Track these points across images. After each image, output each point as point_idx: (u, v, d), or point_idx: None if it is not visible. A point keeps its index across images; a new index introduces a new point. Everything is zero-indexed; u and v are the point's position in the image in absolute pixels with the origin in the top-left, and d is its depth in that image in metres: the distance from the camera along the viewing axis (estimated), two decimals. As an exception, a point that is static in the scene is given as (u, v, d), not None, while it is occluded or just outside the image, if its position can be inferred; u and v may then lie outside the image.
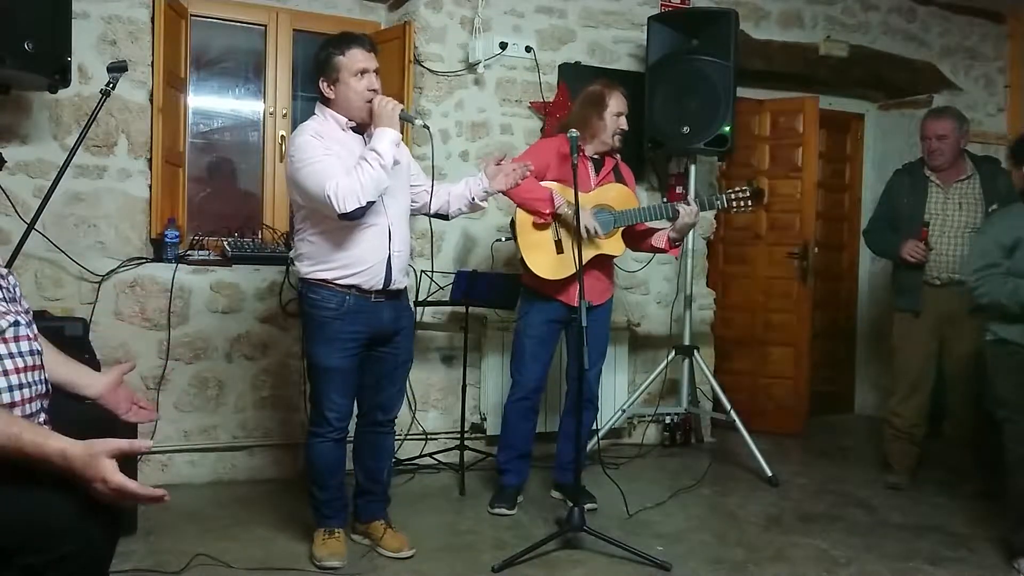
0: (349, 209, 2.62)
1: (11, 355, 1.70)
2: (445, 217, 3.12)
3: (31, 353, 1.75)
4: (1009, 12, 5.67)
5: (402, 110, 2.76)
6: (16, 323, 1.74)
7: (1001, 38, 5.74)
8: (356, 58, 2.75)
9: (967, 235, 3.86)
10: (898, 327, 4.08)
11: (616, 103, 3.46)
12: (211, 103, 4.33)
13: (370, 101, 2.75)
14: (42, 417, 1.75)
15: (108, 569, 1.67)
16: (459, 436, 3.92)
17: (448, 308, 4.07)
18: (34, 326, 1.87)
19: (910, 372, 4.02)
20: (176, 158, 3.95)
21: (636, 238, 3.61)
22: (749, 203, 3.46)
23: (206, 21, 4.16)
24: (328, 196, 2.61)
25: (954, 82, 5.56)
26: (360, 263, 2.78)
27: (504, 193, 3.23)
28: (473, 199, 3.07)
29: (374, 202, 2.70)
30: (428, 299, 3.78)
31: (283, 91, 4.30)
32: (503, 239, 4.11)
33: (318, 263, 2.80)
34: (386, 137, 2.69)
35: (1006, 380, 3.04)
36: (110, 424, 1.93)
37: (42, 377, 1.79)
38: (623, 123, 3.47)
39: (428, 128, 2.94)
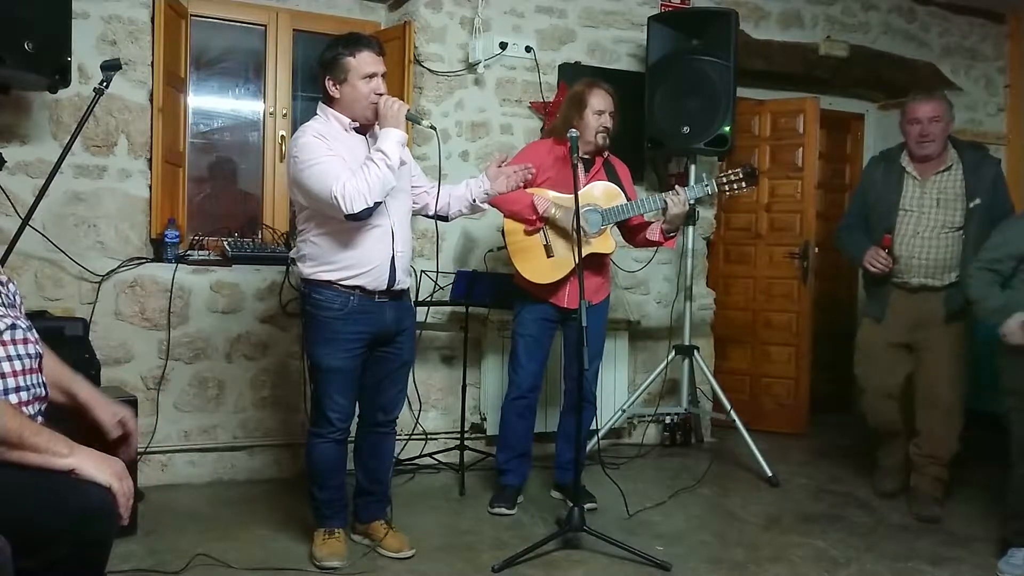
0: (356, 210, 2.62)
1: (9, 358, 1.70)
2: (445, 218, 3.12)
3: (30, 356, 1.76)
4: (1009, 12, 5.68)
5: (408, 110, 2.77)
6: (13, 326, 1.74)
7: (1001, 38, 5.74)
8: (366, 61, 2.75)
9: (945, 235, 3.49)
10: (862, 332, 3.81)
11: (597, 101, 3.43)
12: (211, 103, 4.33)
13: (375, 103, 2.76)
14: (39, 420, 1.75)
15: (104, 570, 1.67)
16: (459, 436, 3.93)
17: (448, 308, 4.07)
18: (34, 331, 1.89)
19: (878, 380, 3.71)
20: (176, 158, 3.95)
21: (632, 233, 3.61)
22: (743, 184, 3.38)
23: (206, 21, 4.16)
24: (335, 197, 2.61)
25: (954, 82, 5.56)
26: (364, 264, 2.78)
27: (490, 203, 3.24)
28: (474, 201, 3.08)
29: (381, 203, 2.70)
30: (428, 299, 3.79)
31: (283, 91, 4.30)
32: (495, 249, 4.11)
33: (321, 264, 2.80)
34: (392, 137, 2.69)
35: (1015, 371, 3.04)
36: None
37: (40, 380, 1.79)
38: (606, 121, 3.43)
39: (435, 129, 2.92)
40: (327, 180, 2.63)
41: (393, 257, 2.83)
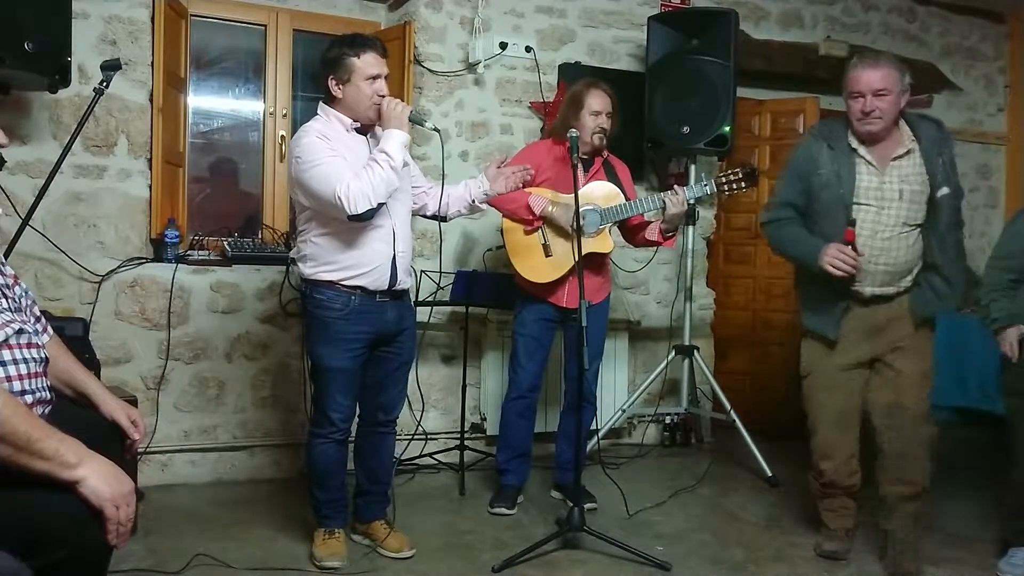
0: (360, 210, 2.63)
1: (15, 361, 1.70)
2: (443, 219, 3.12)
3: (35, 360, 1.76)
4: (1009, 12, 5.69)
5: (411, 112, 2.78)
6: (20, 331, 1.74)
7: (1001, 38, 5.75)
8: (370, 62, 2.75)
9: (906, 234, 2.85)
10: (810, 353, 3.06)
11: (594, 102, 3.42)
12: (211, 103, 4.33)
13: (377, 104, 2.76)
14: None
15: (106, 572, 1.67)
16: (459, 436, 3.93)
17: (448, 308, 4.07)
18: (43, 335, 1.89)
19: (831, 410, 3.02)
20: (176, 158, 3.95)
21: (631, 232, 3.61)
22: (743, 184, 3.35)
23: (206, 21, 4.16)
24: (339, 197, 2.61)
25: (954, 82, 5.56)
26: (365, 264, 2.79)
27: (489, 203, 3.24)
28: (473, 201, 3.08)
29: (384, 203, 2.71)
30: (428, 299, 3.79)
31: (283, 91, 4.30)
32: (493, 248, 4.11)
33: (323, 264, 2.80)
34: (395, 139, 2.70)
35: (1017, 372, 3.01)
36: (113, 432, 1.95)
37: (45, 384, 1.80)
38: (602, 121, 3.42)
39: (438, 131, 2.92)
40: (331, 181, 2.63)
41: (394, 257, 2.83)
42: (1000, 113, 5.78)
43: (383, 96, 2.76)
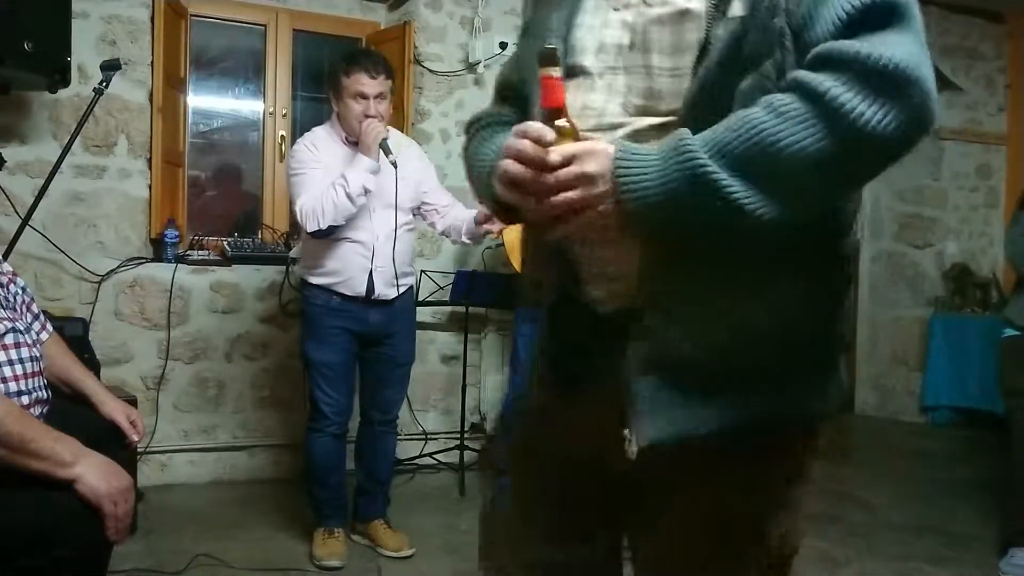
0: (310, 229, 2.72)
1: (10, 362, 1.70)
2: (452, 240, 3.20)
3: (31, 360, 1.76)
4: (1009, 12, 5.68)
5: (383, 140, 2.76)
6: (14, 330, 1.74)
7: (1001, 38, 5.74)
8: (357, 81, 2.78)
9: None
10: None
11: None
12: (211, 103, 4.33)
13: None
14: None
15: (105, 571, 1.67)
16: (459, 436, 3.93)
17: (448, 308, 4.07)
18: (36, 333, 1.89)
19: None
20: (176, 158, 3.95)
21: None
22: None
23: (206, 21, 4.16)
24: (297, 210, 2.72)
25: (954, 82, 5.55)
26: (339, 273, 2.85)
27: None
28: (463, 235, 3.05)
29: (338, 226, 2.73)
30: (428, 299, 3.78)
31: (283, 91, 4.29)
32: (493, 246, 4.11)
33: (307, 267, 2.92)
34: (360, 165, 2.72)
35: (1017, 372, 3.01)
36: (112, 432, 1.95)
37: (41, 384, 1.79)
38: None
39: (395, 165, 2.78)
40: (298, 192, 2.74)
41: (371, 271, 2.85)
42: (1000, 113, 5.77)
43: (370, 116, 2.77)
